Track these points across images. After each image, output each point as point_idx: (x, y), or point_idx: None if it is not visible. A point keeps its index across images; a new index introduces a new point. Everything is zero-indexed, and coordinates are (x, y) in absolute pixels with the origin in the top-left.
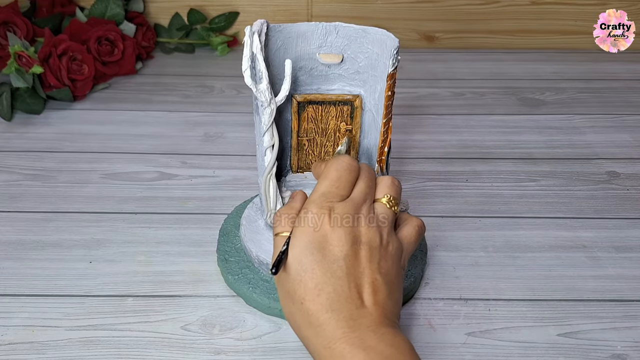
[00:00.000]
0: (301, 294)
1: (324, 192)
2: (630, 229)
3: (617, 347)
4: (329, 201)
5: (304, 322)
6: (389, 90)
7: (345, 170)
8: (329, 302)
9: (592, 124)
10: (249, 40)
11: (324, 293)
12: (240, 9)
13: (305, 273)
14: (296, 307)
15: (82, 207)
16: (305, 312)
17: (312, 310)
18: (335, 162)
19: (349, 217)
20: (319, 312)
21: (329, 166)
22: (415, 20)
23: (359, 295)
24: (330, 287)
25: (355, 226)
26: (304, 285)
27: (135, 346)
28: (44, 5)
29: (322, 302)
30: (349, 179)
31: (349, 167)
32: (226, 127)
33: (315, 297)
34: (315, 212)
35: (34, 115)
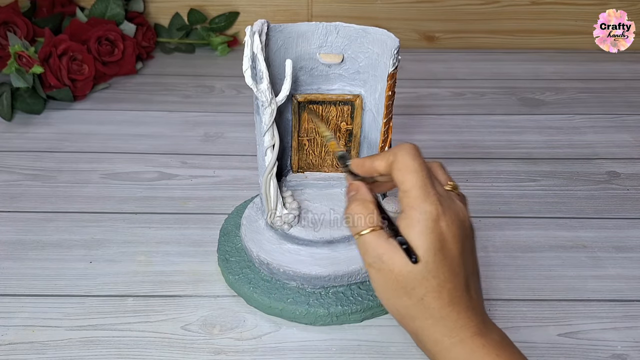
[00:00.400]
0: (422, 291)
1: (420, 185)
2: (630, 229)
3: (618, 347)
4: (432, 194)
5: (422, 314)
6: (389, 90)
7: (420, 157)
8: (449, 298)
9: (592, 124)
10: (250, 40)
11: (446, 290)
12: (240, 9)
13: (429, 272)
14: (413, 301)
15: (82, 207)
16: (426, 306)
17: (434, 305)
18: (405, 151)
19: (456, 211)
20: (442, 307)
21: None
22: (416, 20)
23: (469, 287)
24: (450, 284)
25: (462, 219)
26: (426, 284)
27: (135, 346)
28: (44, 5)
29: (443, 298)
30: (426, 166)
31: (419, 153)
32: (226, 127)
33: (438, 294)
34: (429, 210)
35: (34, 115)
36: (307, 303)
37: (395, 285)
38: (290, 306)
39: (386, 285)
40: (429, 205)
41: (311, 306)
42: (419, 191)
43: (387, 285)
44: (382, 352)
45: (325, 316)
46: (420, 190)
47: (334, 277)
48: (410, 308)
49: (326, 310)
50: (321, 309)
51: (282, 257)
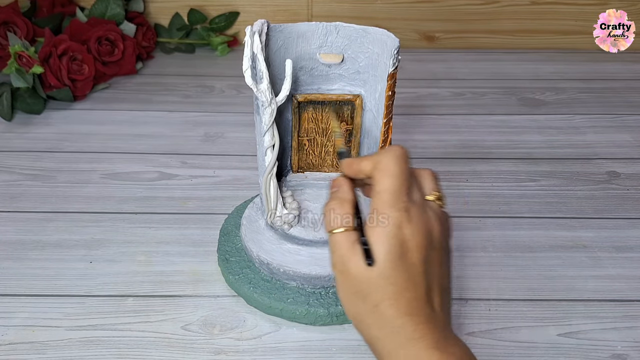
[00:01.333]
0: (378, 297)
1: (393, 190)
2: (630, 229)
3: (618, 347)
4: (402, 201)
5: (376, 323)
6: (389, 90)
7: (404, 162)
8: (407, 307)
9: (592, 124)
10: (250, 40)
11: (403, 298)
12: (240, 9)
13: (386, 279)
14: (368, 307)
15: (82, 207)
16: (381, 314)
17: (389, 313)
18: (391, 155)
19: (425, 221)
20: (398, 316)
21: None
22: (416, 20)
23: (431, 299)
24: (409, 292)
25: (430, 230)
26: (382, 290)
27: (135, 346)
28: (44, 6)
29: (400, 307)
30: (408, 172)
31: (405, 158)
32: (226, 127)
33: (393, 301)
34: (394, 216)
35: (34, 115)
36: (307, 303)
37: (352, 289)
38: (290, 306)
39: (344, 288)
40: (395, 211)
41: (311, 306)
42: (390, 196)
43: (345, 288)
44: None
45: (325, 316)
46: (392, 195)
47: (334, 277)
48: (365, 315)
49: (326, 310)
50: (321, 309)
51: (282, 257)
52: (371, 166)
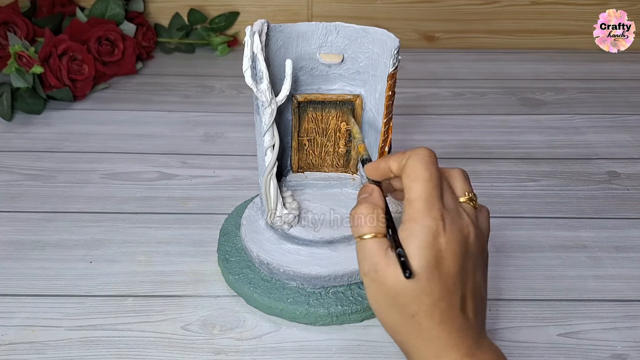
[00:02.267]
0: (415, 308)
1: (426, 198)
2: (630, 229)
3: (618, 347)
4: (436, 209)
5: (413, 332)
6: (389, 90)
7: (433, 165)
8: (441, 317)
9: (592, 124)
10: (250, 40)
11: (438, 309)
12: (240, 9)
13: (422, 290)
14: (404, 317)
15: (82, 207)
16: (417, 324)
17: (425, 325)
18: (419, 159)
19: (460, 228)
20: (432, 327)
21: (414, 164)
22: (416, 20)
23: (465, 307)
24: (444, 302)
25: (465, 237)
26: (418, 301)
27: (135, 346)
28: (44, 5)
29: (434, 317)
30: (438, 176)
31: (434, 160)
32: (226, 127)
33: (430, 313)
34: (429, 225)
35: (34, 115)
36: (307, 303)
37: (387, 299)
38: (290, 306)
39: (378, 297)
40: (431, 220)
41: (311, 306)
42: (422, 203)
43: (379, 297)
44: (382, 352)
45: (325, 316)
46: (425, 203)
47: (334, 277)
48: (401, 325)
49: (326, 310)
50: (321, 309)
51: (282, 257)
52: (398, 167)
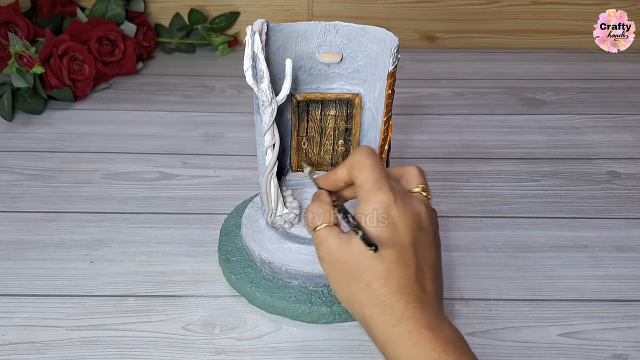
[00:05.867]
0: (369, 276)
1: (373, 179)
2: (631, 229)
3: (618, 347)
4: (385, 185)
5: (369, 301)
6: (389, 89)
7: (375, 155)
8: (398, 286)
9: (593, 124)
10: (250, 40)
11: (394, 277)
12: (240, 9)
13: (376, 258)
14: (361, 287)
15: (83, 207)
16: (373, 292)
17: (382, 291)
18: (360, 152)
19: (411, 204)
20: (390, 294)
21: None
22: (416, 20)
23: (421, 280)
24: (399, 272)
25: (417, 212)
26: (373, 269)
27: (136, 346)
28: (45, 6)
29: (391, 285)
30: (381, 164)
31: (374, 152)
32: (227, 127)
33: (384, 280)
34: (380, 199)
35: (35, 115)
36: (309, 301)
37: (344, 274)
38: (292, 305)
39: (336, 275)
40: (381, 194)
41: (314, 304)
42: (371, 183)
43: (337, 275)
44: None
45: (327, 314)
46: (373, 183)
47: None
48: (359, 295)
49: (329, 308)
50: (324, 307)
51: (284, 256)
52: (346, 171)
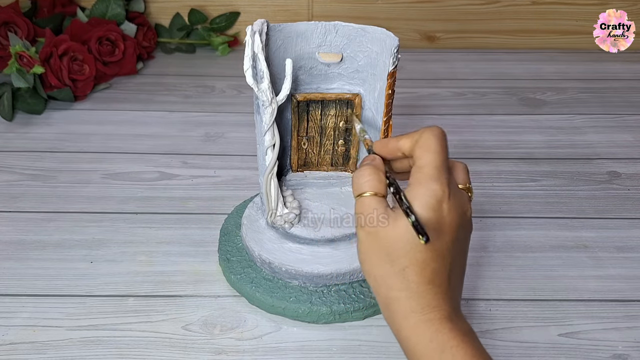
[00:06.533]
0: (405, 262)
1: (436, 165)
2: (631, 229)
3: (619, 347)
4: (444, 176)
5: (399, 285)
6: (389, 89)
7: (444, 141)
8: (432, 276)
9: (593, 124)
10: (250, 40)
11: (429, 268)
12: (240, 9)
13: (417, 246)
14: (395, 269)
15: (83, 207)
16: (406, 277)
17: (414, 279)
18: (431, 133)
19: (461, 201)
20: (421, 282)
21: (428, 137)
22: (416, 20)
23: (452, 276)
24: (435, 264)
25: (464, 210)
26: (412, 256)
27: (136, 346)
28: (45, 6)
29: (424, 275)
30: (447, 152)
31: (444, 137)
32: (227, 127)
33: (420, 269)
34: (435, 189)
35: (35, 115)
36: (309, 301)
37: (380, 251)
38: (292, 305)
39: (371, 249)
40: (438, 184)
41: (314, 304)
42: (432, 170)
43: (372, 249)
44: (383, 352)
45: (327, 314)
46: (434, 170)
47: (336, 275)
48: (390, 276)
49: (329, 308)
50: (324, 307)
51: (284, 256)
52: (410, 144)
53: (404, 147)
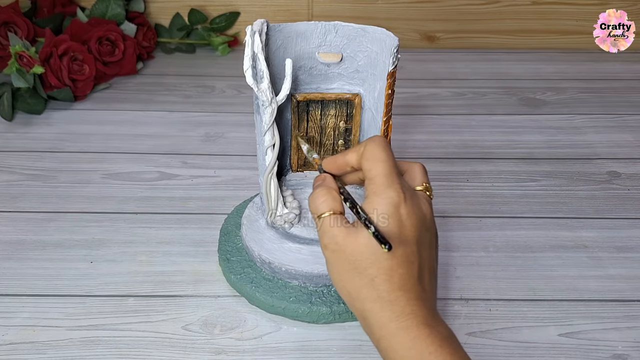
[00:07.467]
0: (373, 271)
1: (386, 173)
2: (631, 229)
3: (618, 347)
4: (396, 183)
5: (371, 296)
6: (389, 89)
7: (389, 149)
8: (400, 283)
9: (593, 124)
10: (250, 39)
11: (397, 274)
12: (240, 9)
13: (382, 254)
14: (364, 281)
15: (83, 207)
16: (376, 287)
17: (384, 287)
18: (375, 143)
19: (418, 204)
20: (391, 290)
21: (372, 148)
22: (416, 20)
23: (422, 279)
24: (402, 269)
25: (423, 212)
26: (378, 265)
27: (136, 346)
28: (45, 6)
29: (393, 282)
30: (394, 158)
31: (388, 145)
32: (227, 127)
33: (388, 276)
34: (391, 196)
35: (35, 115)
36: (309, 301)
37: (348, 266)
38: (292, 305)
39: (339, 266)
40: (392, 191)
41: (314, 304)
42: (383, 179)
43: (340, 266)
44: None
45: (327, 314)
46: (385, 178)
47: None
48: (361, 289)
49: (329, 308)
50: (324, 307)
51: (284, 256)
52: (357, 157)
53: (351, 161)
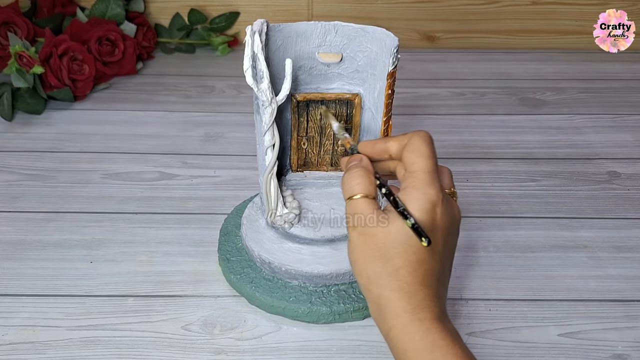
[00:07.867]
0: (400, 262)
1: (429, 170)
2: (631, 229)
3: (618, 347)
4: (437, 182)
5: (392, 284)
6: (389, 89)
7: (433, 146)
8: (424, 277)
9: (592, 124)
10: (250, 40)
11: (421, 269)
12: (240, 9)
13: (411, 247)
14: (388, 270)
15: (82, 207)
16: (399, 277)
17: (407, 279)
18: (421, 137)
19: (452, 207)
20: (414, 283)
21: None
22: (416, 20)
23: (441, 279)
24: (428, 266)
25: (454, 215)
26: (406, 257)
27: (136, 346)
28: (45, 6)
29: (417, 275)
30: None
31: (432, 142)
32: (227, 127)
33: (413, 270)
34: (431, 193)
35: (35, 115)
36: (309, 301)
37: (374, 251)
38: (292, 305)
39: (364, 249)
40: (432, 189)
41: (313, 304)
42: (425, 175)
43: (364, 249)
44: (383, 352)
45: (327, 314)
46: (427, 175)
47: (336, 275)
48: (383, 275)
49: (328, 308)
50: (323, 307)
51: (284, 256)
52: (398, 147)
53: (391, 149)
